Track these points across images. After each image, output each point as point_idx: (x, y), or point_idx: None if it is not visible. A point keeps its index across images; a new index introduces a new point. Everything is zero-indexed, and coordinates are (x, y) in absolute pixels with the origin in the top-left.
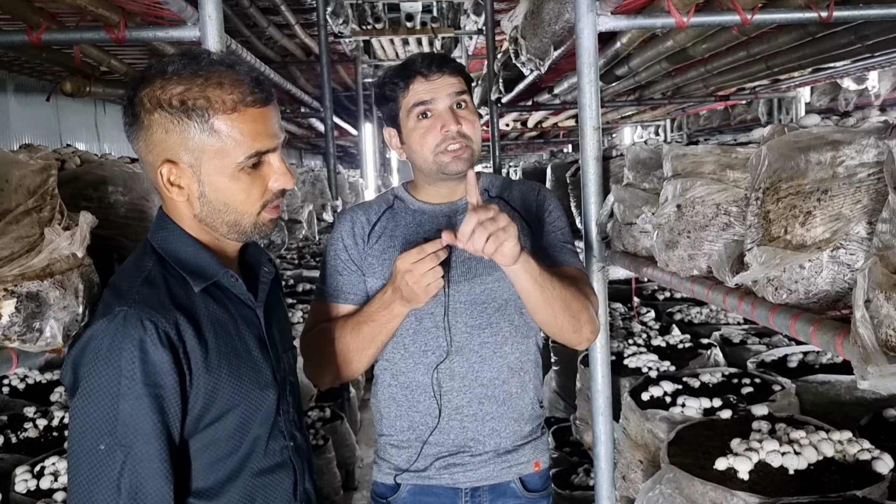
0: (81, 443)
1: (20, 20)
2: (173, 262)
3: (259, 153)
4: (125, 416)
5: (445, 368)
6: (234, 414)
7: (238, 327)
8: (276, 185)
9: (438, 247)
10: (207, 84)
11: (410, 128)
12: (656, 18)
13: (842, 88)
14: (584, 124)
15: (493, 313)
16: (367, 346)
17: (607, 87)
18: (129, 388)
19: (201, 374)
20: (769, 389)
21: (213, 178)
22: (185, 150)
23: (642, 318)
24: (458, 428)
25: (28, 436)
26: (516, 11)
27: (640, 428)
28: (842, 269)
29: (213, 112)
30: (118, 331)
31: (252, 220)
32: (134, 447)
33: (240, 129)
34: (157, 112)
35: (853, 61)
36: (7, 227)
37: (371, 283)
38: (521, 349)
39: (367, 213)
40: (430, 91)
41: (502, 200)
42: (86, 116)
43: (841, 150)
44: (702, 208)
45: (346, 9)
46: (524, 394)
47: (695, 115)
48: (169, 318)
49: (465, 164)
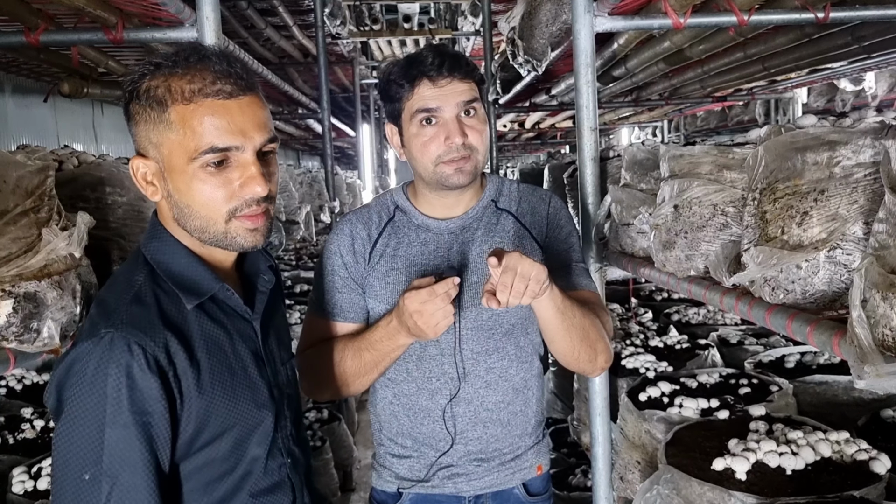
0: (65, 471)
1: (18, 21)
2: (165, 276)
3: (217, 149)
4: (111, 446)
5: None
6: (230, 435)
7: (234, 344)
8: (244, 190)
9: (450, 286)
10: (172, 74)
11: (413, 133)
12: (653, 19)
13: (839, 89)
14: (582, 125)
15: (500, 338)
16: (367, 372)
17: (605, 88)
18: (114, 416)
19: (193, 396)
20: (766, 390)
21: (175, 177)
22: (149, 143)
23: (640, 319)
24: (463, 451)
25: (25, 437)
26: (513, 13)
27: (637, 428)
28: (838, 269)
29: (170, 101)
30: (104, 354)
31: (220, 229)
32: (120, 477)
33: (194, 121)
34: (132, 103)
35: (850, 62)
36: (5, 227)
37: (373, 305)
38: (525, 368)
39: (368, 227)
40: (437, 98)
41: (510, 215)
42: (83, 118)
43: (837, 150)
44: (699, 209)
45: (344, 10)
46: (527, 410)
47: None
48: (158, 340)
49: (468, 177)
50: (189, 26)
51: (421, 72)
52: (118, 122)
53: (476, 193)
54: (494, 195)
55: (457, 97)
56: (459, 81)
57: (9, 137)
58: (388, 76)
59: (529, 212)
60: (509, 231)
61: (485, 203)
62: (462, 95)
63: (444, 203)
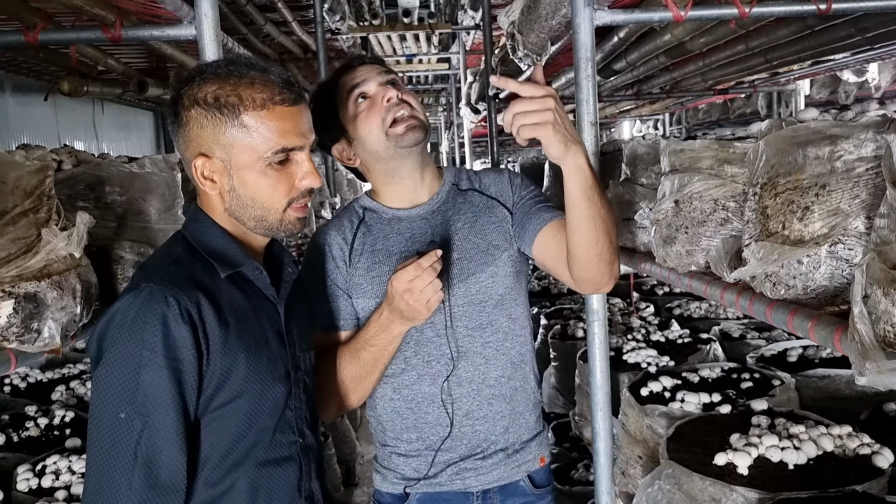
0: (102, 410)
1: (16, 20)
2: (202, 250)
3: (286, 150)
4: (145, 387)
5: (453, 377)
6: (245, 399)
7: (259, 317)
8: (303, 183)
9: (434, 259)
10: (240, 83)
11: (352, 115)
12: (653, 13)
13: (841, 81)
14: (582, 120)
15: (492, 311)
16: (369, 373)
17: (605, 82)
18: (150, 360)
19: (218, 354)
20: (769, 384)
21: (243, 173)
22: (217, 144)
23: (641, 314)
24: (471, 433)
25: (29, 434)
26: (513, 6)
27: (639, 423)
28: (840, 264)
29: (243, 108)
30: (143, 305)
31: (278, 217)
32: (152, 417)
33: (268, 126)
34: (194, 108)
35: (853, 54)
36: (4, 228)
37: (361, 304)
38: (520, 341)
39: (342, 232)
40: (360, 75)
41: (475, 192)
42: (83, 116)
43: (839, 144)
44: (699, 204)
45: (343, 5)
46: (526, 385)
47: (694, 109)
48: (191, 296)
49: (420, 132)
50: (187, 24)
51: (338, 72)
52: (118, 119)
53: (436, 180)
54: (454, 180)
55: (376, 73)
56: (371, 65)
57: (9, 136)
58: (316, 94)
59: (492, 184)
60: (478, 204)
61: (447, 188)
62: (380, 71)
63: (405, 189)
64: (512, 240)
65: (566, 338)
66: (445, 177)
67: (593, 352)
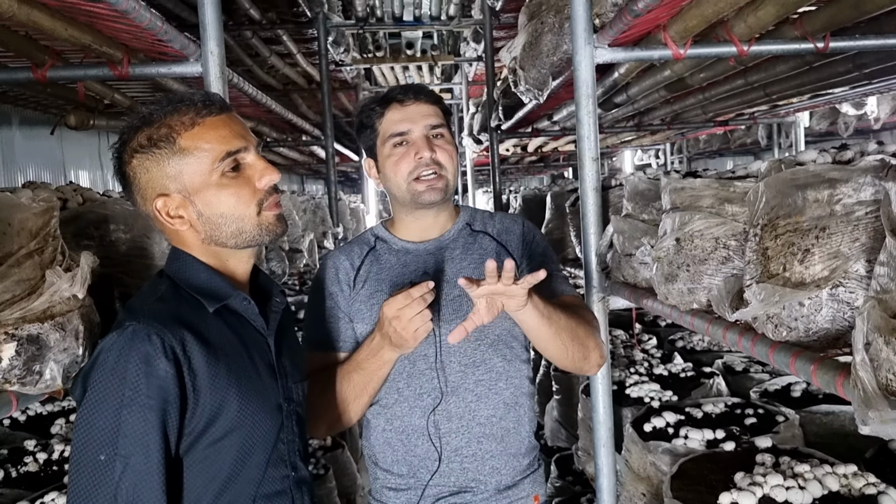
0: (83, 452)
1: (25, 57)
2: (187, 288)
3: (230, 153)
4: (126, 427)
5: (442, 410)
6: (237, 434)
7: (249, 350)
8: (263, 181)
9: (425, 290)
10: (164, 116)
11: (385, 155)
12: (653, 50)
13: (840, 113)
14: (583, 155)
15: (486, 350)
16: (358, 396)
17: (606, 114)
18: (132, 400)
19: (207, 390)
20: (773, 420)
21: (202, 194)
22: (167, 178)
23: (644, 346)
24: (459, 469)
25: (28, 470)
26: (515, 43)
27: (642, 460)
28: (841, 307)
29: (176, 134)
30: (126, 344)
31: (254, 223)
32: (132, 459)
33: (204, 139)
34: (134, 159)
35: (851, 88)
36: (9, 270)
37: (360, 329)
38: (514, 384)
39: (350, 258)
40: (406, 119)
41: (486, 235)
42: (89, 147)
43: (838, 188)
44: (701, 242)
45: (347, 38)
46: (520, 428)
47: (694, 139)
48: (176, 333)
49: (439, 194)
50: (194, 61)
51: (390, 98)
52: None
53: (451, 218)
54: (468, 220)
55: (424, 119)
56: (425, 104)
57: (16, 168)
58: (362, 109)
59: (504, 231)
60: (487, 248)
61: (460, 226)
62: (428, 119)
63: (420, 226)
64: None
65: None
66: (461, 216)
67: (596, 387)
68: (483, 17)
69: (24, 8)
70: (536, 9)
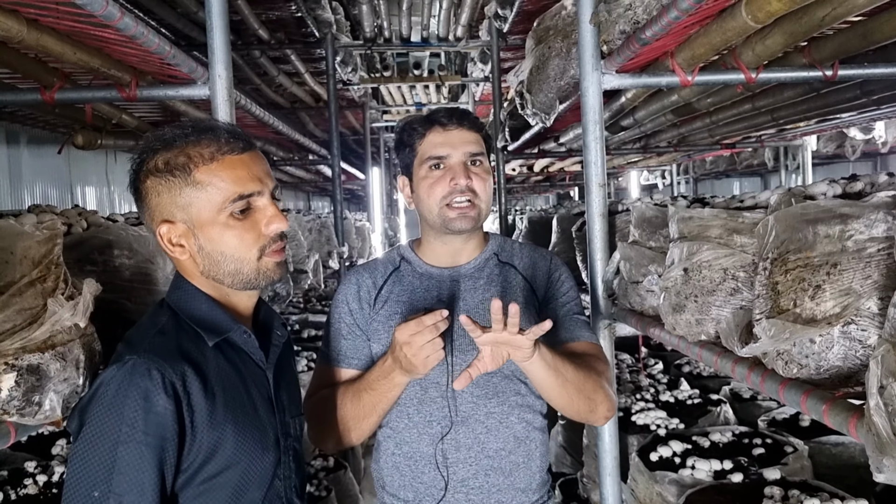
0: (76, 488)
1: (33, 80)
2: (188, 319)
3: (242, 196)
4: (122, 465)
5: (451, 440)
6: (234, 471)
7: (247, 386)
8: (270, 228)
9: (438, 318)
10: (186, 143)
11: (421, 176)
12: (661, 77)
13: (848, 136)
14: (590, 181)
15: (500, 382)
16: (367, 415)
17: (613, 137)
18: (129, 436)
19: (205, 427)
20: (781, 450)
21: (206, 230)
22: (176, 207)
23: (650, 371)
24: (464, 500)
25: (28, 492)
26: (522, 66)
27: (648, 490)
28: (853, 344)
29: (193, 166)
30: (125, 378)
31: (253, 267)
32: (126, 497)
33: (220, 177)
34: (149, 179)
35: (859, 113)
36: (10, 299)
37: (376, 349)
38: (527, 419)
39: (374, 276)
40: (447, 143)
41: (512, 268)
42: (96, 166)
43: (849, 223)
44: (709, 273)
45: (355, 58)
46: (531, 463)
47: (701, 161)
48: (177, 368)
49: (471, 222)
50: (201, 84)
51: (433, 120)
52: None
53: (479, 246)
54: (496, 250)
55: (464, 146)
56: (467, 131)
57: (23, 186)
58: (403, 127)
59: (531, 266)
60: (512, 282)
61: (487, 255)
62: (469, 146)
63: (447, 251)
64: (533, 322)
65: None
66: (489, 244)
67: None
68: (490, 38)
69: (34, 33)
70: (544, 33)
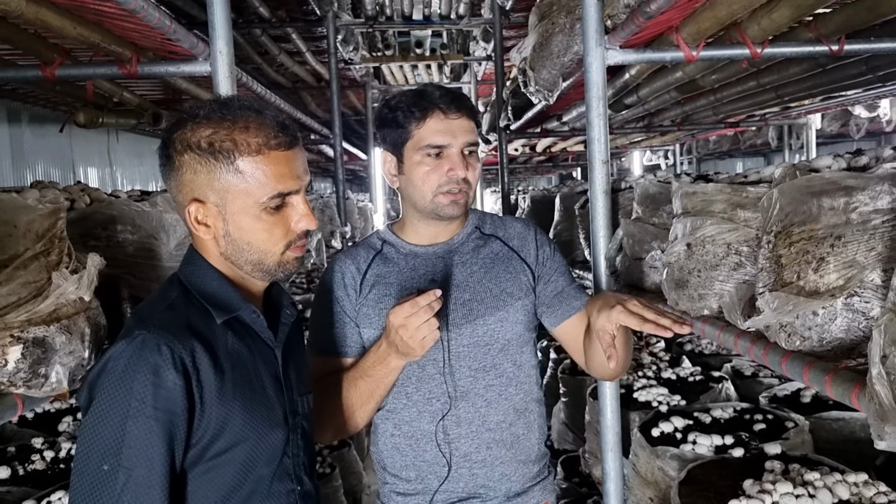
0: (86, 461)
1: (34, 56)
2: (198, 295)
3: (282, 194)
4: (131, 439)
5: (451, 416)
6: (242, 448)
7: (255, 363)
8: (300, 226)
9: (432, 298)
10: (234, 127)
11: (416, 161)
12: (665, 52)
13: (853, 115)
14: (593, 158)
15: (497, 354)
16: (365, 402)
17: (616, 115)
18: (138, 411)
19: (214, 403)
20: (782, 426)
21: (238, 218)
22: (211, 189)
23: (652, 349)
24: (468, 476)
25: (35, 468)
26: (525, 43)
27: (650, 465)
28: (856, 316)
29: (238, 153)
30: (135, 353)
31: (276, 260)
32: (135, 471)
33: (263, 171)
34: (187, 153)
35: (864, 90)
36: (14, 272)
37: (367, 334)
38: (524, 389)
39: (356, 262)
40: (448, 132)
41: (496, 238)
42: (98, 144)
43: (854, 195)
44: (712, 247)
45: (357, 36)
46: (530, 434)
47: (704, 140)
48: (186, 344)
49: (461, 209)
50: (202, 60)
51: (433, 103)
52: (132, 147)
53: (460, 222)
54: (477, 223)
55: (464, 136)
56: (466, 119)
57: (25, 165)
58: (397, 104)
59: (516, 236)
60: (497, 252)
61: (469, 230)
62: (467, 136)
63: (430, 232)
64: (528, 291)
65: (576, 373)
66: (470, 219)
67: (603, 391)
68: (493, 16)
69: (32, 6)
70: (547, 9)
